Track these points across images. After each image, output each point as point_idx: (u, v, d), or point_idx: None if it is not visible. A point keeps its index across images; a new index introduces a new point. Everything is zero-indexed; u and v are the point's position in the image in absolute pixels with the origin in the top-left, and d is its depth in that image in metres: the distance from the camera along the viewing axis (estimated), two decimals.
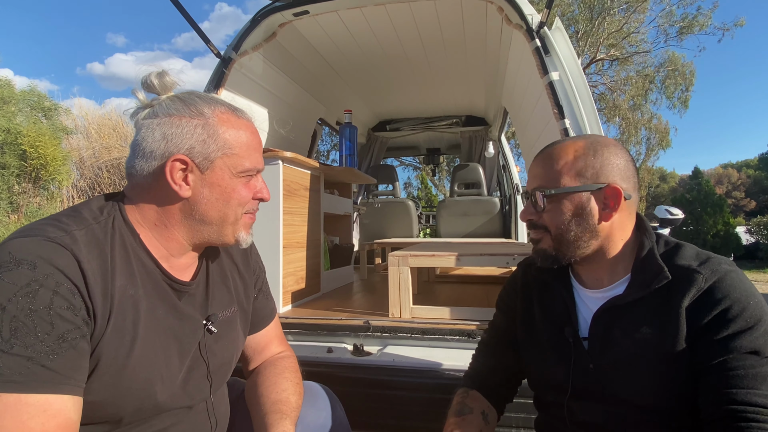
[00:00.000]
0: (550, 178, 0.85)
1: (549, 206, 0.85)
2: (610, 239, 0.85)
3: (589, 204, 0.83)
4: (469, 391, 1.01)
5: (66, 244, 0.68)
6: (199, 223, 0.82)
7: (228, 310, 0.93)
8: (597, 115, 1.70)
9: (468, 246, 2.46)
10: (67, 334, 0.64)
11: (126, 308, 0.73)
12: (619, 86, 14.70)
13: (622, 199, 0.81)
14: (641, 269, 0.83)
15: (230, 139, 0.81)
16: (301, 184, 2.15)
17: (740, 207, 31.01)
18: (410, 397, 1.50)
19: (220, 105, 0.83)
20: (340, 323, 1.73)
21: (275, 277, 1.93)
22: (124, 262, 0.76)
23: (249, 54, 2.15)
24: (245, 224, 0.88)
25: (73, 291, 0.66)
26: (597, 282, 0.89)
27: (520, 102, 2.58)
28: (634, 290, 0.81)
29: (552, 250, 0.87)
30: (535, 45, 1.78)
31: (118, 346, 0.72)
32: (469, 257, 1.77)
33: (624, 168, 0.83)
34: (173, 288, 0.82)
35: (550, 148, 0.89)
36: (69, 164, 9.50)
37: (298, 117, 3.11)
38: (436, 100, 3.90)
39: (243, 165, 0.83)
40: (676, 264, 0.80)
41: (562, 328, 0.89)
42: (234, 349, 0.95)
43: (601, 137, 0.88)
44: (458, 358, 1.54)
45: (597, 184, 0.82)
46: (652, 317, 0.79)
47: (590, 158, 0.83)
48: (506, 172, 4.29)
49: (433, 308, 1.77)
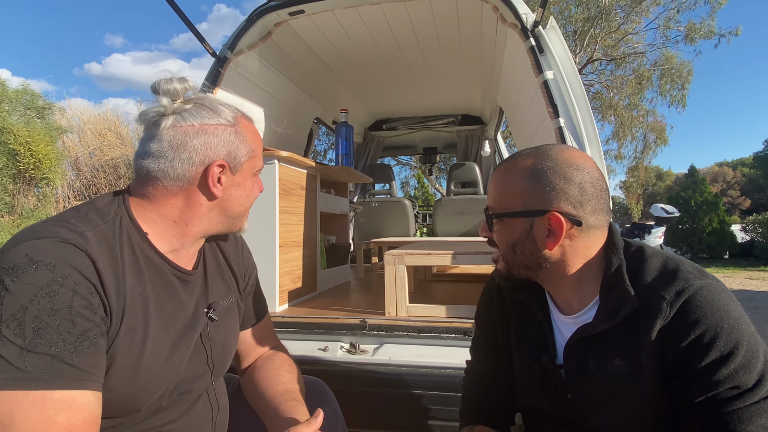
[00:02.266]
0: (497, 198, 0.82)
1: (496, 227, 0.83)
2: (566, 264, 0.78)
3: (532, 231, 0.77)
4: (473, 428, 0.95)
5: (80, 245, 0.69)
6: (221, 216, 0.89)
7: (226, 300, 0.97)
8: (591, 113, 1.70)
9: (464, 245, 2.47)
10: (87, 332, 0.67)
11: (136, 306, 0.76)
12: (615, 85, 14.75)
13: (565, 228, 0.74)
14: (608, 293, 0.76)
15: (252, 144, 0.89)
16: (297, 184, 2.15)
17: (735, 205, 31.17)
18: (406, 395, 1.51)
19: (236, 111, 0.89)
20: (336, 322, 1.74)
21: (272, 276, 1.93)
22: (132, 260, 0.78)
23: (245, 53, 2.15)
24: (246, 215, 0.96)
25: (91, 290, 0.68)
26: (567, 306, 0.84)
27: (515, 101, 2.58)
28: (602, 319, 0.75)
29: (504, 270, 0.85)
30: (529, 44, 1.79)
31: (131, 344, 0.74)
32: (465, 255, 1.77)
33: (576, 193, 0.74)
34: (179, 279, 0.85)
35: (503, 163, 0.84)
36: (63, 164, 9.46)
37: (295, 116, 3.11)
38: (432, 99, 3.91)
39: (258, 165, 0.92)
40: (641, 284, 0.73)
41: (539, 354, 0.85)
42: (233, 337, 0.99)
43: (557, 153, 0.78)
44: (454, 355, 1.55)
45: (539, 210, 0.76)
46: (623, 348, 0.73)
47: (533, 181, 0.76)
48: None
49: (429, 306, 1.78)
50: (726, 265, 10.90)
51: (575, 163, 0.76)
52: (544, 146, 0.81)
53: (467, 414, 1.00)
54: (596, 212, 0.76)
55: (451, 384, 1.46)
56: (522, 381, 0.91)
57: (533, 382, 0.87)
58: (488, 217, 0.84)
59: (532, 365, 0.87)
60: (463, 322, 1.66)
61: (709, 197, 12.06)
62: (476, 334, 1.05)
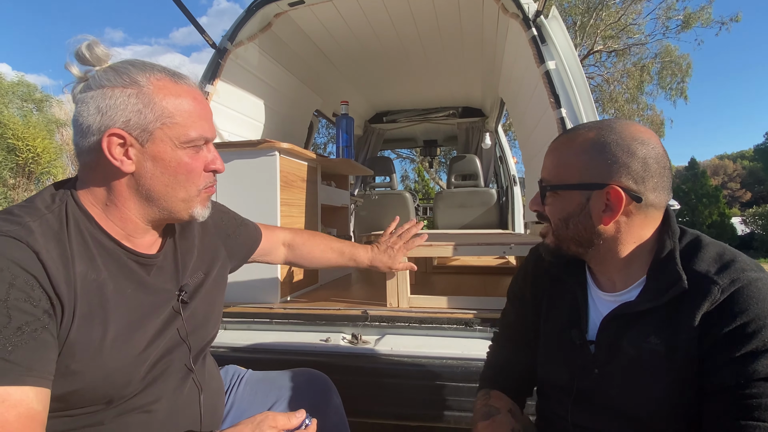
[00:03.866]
0: (553, 170, 0.80)
1: (549, 200, 0.82)
2: (618, 241, 0.77)
3: (588, 204, 0.76)
4: (490, 391, 0.98)
5: (21, 236, 0.67)
6: (147, 200, 0.79)
7: (195, 275, 0.93)
8: (593, 104, 1.70)
9: (465, 236, 2.47)
10: (25, 326, 0.64)
11: (90, 294, 0.73)
12: (616, 78, 14.70)
13: (624, 203, 0.73)
14: (658, 273, 0.75)
15: (169, 107, 0.76)
16: (298, 176, 2.15)
17: (736, 198, 31.17)
18: (408, 386, 1.51)
19: (156, 71, 0.78)
20: (337, 313, 1.74)
21: (273, 268, 1.93)
22: (82, 247, 0.75)
23: (244, 44, 2.14)
24: (202, 199, 0.84)
25: (31, 283, 0.66)
26: (610, 284, 0.83)
27: (516, 92, 2.57)
28: (647, 298, 0.74)
29: (553, 244, 0.84)
30: (531, 34, 1.78)
31: (90, 332, 0.72)
32: (467, 246, 1.77)
33: (638, 168, 0.73)
34: (139, 263, 0.82)
35: (562, 136, 0.83)
36: (63, 157, 9.46)
37: (295, 108, 3.10)
38: (432, 91, 3.90)
39: (187, 135, 0.78)
40: (694, 269, 0.72)
41: (570, 328, 0.85)
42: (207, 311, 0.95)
43: (621, 126, 0.77)
44: (456, 346, 1.56)
45: (598, 183, 0.74)
46: (663, 328, 0.73)
47: (595, 154, 0.75)
48: (503, 163, 4.30)
49: (430, 297, 1.78)
50: None
51: (640, 137, 0.74)
52: (607, 120, 0.80)
53: (486, 379, 1.02)
54: (657, 189, 0.75)
55: (452, 374, 1.47)
56: (547, 353, 0.91)
57: (559, 355, 0.87)
58: (542, 189, 0.82)
59: (560, 339, 0.86)
60: (464, 313, 1.66)
61: (709, 190, 12.07)
62: (506, 307, 1.06)
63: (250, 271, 1.92)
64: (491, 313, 1.65)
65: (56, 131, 9.55)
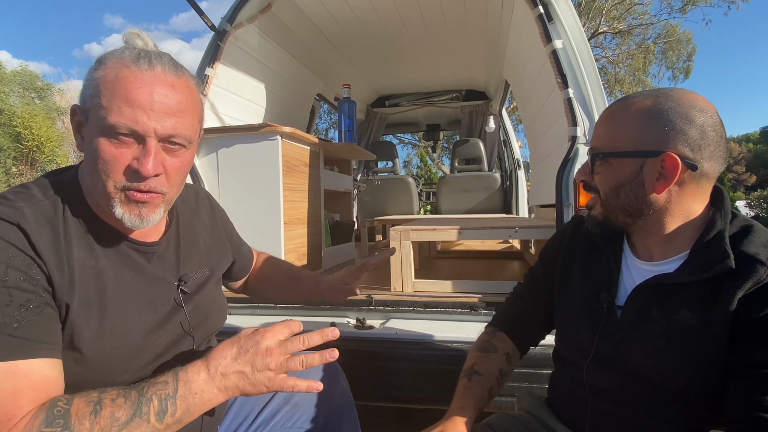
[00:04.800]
0: (606, 138, 0.78)
1: (600, 168, 0.79)
2: (668, 212, 0.76)
3: (642, 172, 0.74)
4: (497, 332, 1.01)
5: (11, 218, 0.66)
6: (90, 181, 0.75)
7: (200, 271, 0.92)
8: (601, 83, 1.66)
9: (469, 221, 2.46)
10: (28, 303, 0.64)
11: (88, 280, 0.72)
12: (621, 60, 14.49)
13: (680, 170, 0.71)
14: (703, 251, 0.74)
15: (101, 88, 0.68)
16: (300, 160, 2.13)
17: (741, 181, 30.96)
18: (412, 369, 1.51)
19: (126, 52, 0.72)
20: None
21: (276, 253, 1.92)
22: (80, 234, 0.74)
23: (244, 26, 2.10)
24: (123, 201, 0.72)
25: (28, 263, 0.66)
26: (647, 253, 0.82)
27: (521, 73, 2.53)
28: (689, 272, 0.73)
29: (600, 216, 0.82)
30: (538, 12, 1.73)
31: (88, 318, 0.71)
32: (471, 230, 1.76)
33: (696, 135, 0.71)
34: (139, 251, 0.81)
35: (616, 103, 0.81)
36: (66, 145, 9.45)
37: (296, 92, 3.06)
38: (435, 75, 3.84)
39: (107, 119, 0.67)
40: (741, 250, 0.71)
41: (599, 293, 0.84)
42: (212, 305, 0.94)
43: (678, 94, 0.75)
44: (460, 330, 1.55)
45: (653, 151, 0.72)
46: (698, 303, 0.72)
47: (651, 120, 0.73)
48: (507, 147, 4.25)
49: (435, 282, 1.77)
50: None
51: (698, 105, 0.72)
52: (663, 88, 0.78)
53: (496, 320, 1.05)
54: (713, 158, 0.73)
55: (457, 358, 1.46)
56: (569, 317, 0.90)
57: (584, 318, 0.86)
58: (593, 157, 0.80)
59: (588, 302, 0.86)
60: (468, 297, 1.65)
61: None
62: (536, 264, 1.06)
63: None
64: (496, 297, 1.64)
65: (57, 119, 9.53)
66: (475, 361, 0.95)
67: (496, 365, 0.94)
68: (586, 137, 1.63)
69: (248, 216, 1.93)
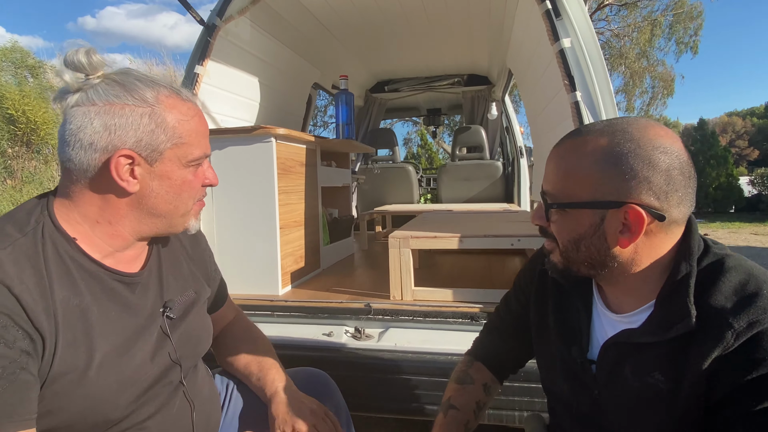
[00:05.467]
0: (559, 183, 0.69)
1: (555, 217, 0.71)
2: (634, 263, 0.68)
3: (602, 225, 0.66)
4: (474, 362, 0.99)
5: None
6: (148, 216, 0.78)
7: (184, 294, 0.91)
8: (611, 86, 1.58)
9: (470, 218, 2.40)
10: (2, 371, 0.61)
11: (73, 320, 0.70)
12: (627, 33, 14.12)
13: (645, 223, 0.63)
14: (665, 303, 0.67)
15: (179, 128, 0.76)
16: (296, 160, 2.05)
17: (743, 156, 30.72)
18: (412, 382, 1.49)
19: (162, 88, 0.76)
20: (340, 306, 1.70)
21: (273, 259, 1.88)
22: (62, 272, 0.71)
23: (235, 19, 1.99)
24: (195, 212, 0.85)
25: (4, 324, 0.62)
26: (618, 304, 0.75)
27: (526, 66, 2.43)
28: (650, 330, 0.67)
29: (560, 264, 0.74)
30: (545, 8, 1.63)
31: (75, 360, 0.69)
32: (472, 238, 1.71)
33: (661, 182, 0.62)
34: (123, 283, 0.79)
35: (566, 141, 0.71)
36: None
37: (292, 83, 2.95)
38: (436, 59, 3.71)
39: (193, 154, 0.78)
40: (708, 303, 0.63)
41: (571, 345, 0.79)
42: (200, 329, 0.93)
43: (638, 130, 0.65)
44: (460, 341, 1.51)
45: (614, 202, 0.64)
46: (668, 364, 0.66)
47: (609, 166, 0.64)
48: (509, 133, 4.15)
49: (434, 290, 1.73)
50: (731, 219, 10.84)
51: (662, 144, 0.63)
52: (620, 121, 0.68)
53: (473, 349, 1.04)
54: (681, 204, 0.64)
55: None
56: (549, 364, 0.86)
57: (561, 368, 0.81)
58: (547, 204, 0.72)
59: (562, 352, 0.80)
60: (469, 307, 1.61)
61: (718, 151, 11.83)
62: (510, 294, 1.00)
63: (250, 259, 1.88)
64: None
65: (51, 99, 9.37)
66: (451, 394, 0.93)
67: (473, 398, 0.92)
68: None
69: (243, 220, 1.87)
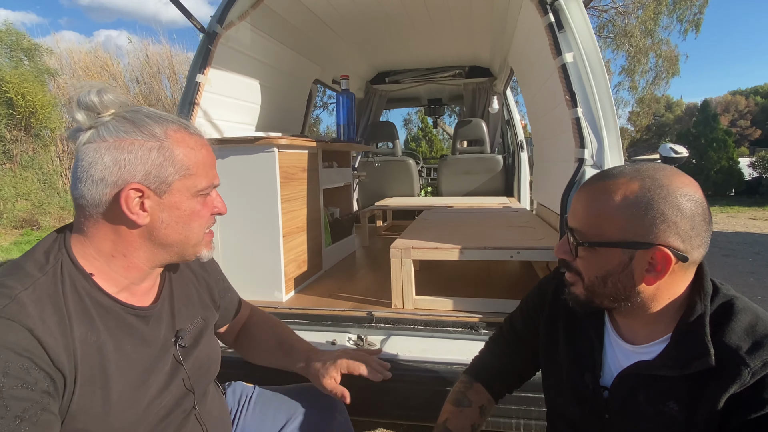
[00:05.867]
0: (589, 222, 0.73)
1: (583, 254, 0.75)
2: (654, 299, 0.73)
3: (630, 264, 0.70)
4: (473, 383, 1.02)
5: (12, 315, 0.65)
6: (159, 247, 0.81)
7: (194, 322, 0.94)
8: (613, 102, 1.59)
9: (470, 220, 2.42)
10: (24, 413, 0.64)
11: (91, 357, 0.72)
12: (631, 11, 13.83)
13: (672, 263, 0.68)
14: (682, 339, 0.72)
15: (186, 160, 0.79)
16: (298, 167, 2.07)
17: (745, 136, 30.47)
18: (413, 390, 1.54)
19: (171, 123, 0.79)
20: (343, 314, 1.74)
21: (276, 267, 1.91)
22: (80, 309, 0.73)
23: (235, 25, 1.97)
24: (207, 242, 0.87)
25: (26, 367, 0.65)
26: (632, 335, 0.79)
27: (528, 71, 2.41)
28: (667, 364, 0.72)
29: (583, 297, 0.78)
30: (548, 20, 1.62)
31: (93, 396, 0.72)
32: (472, 250, 1.74)
33: (687, 226, 0.68)
34: (138, 316, 0.82)
35: (597, 182, 0.75)
36: (58, 109, 9.21)
37: (293, 82, 2.93)
38: (437, 50, 3.66)
39: (201, 184, 0.81)
40: (723, 342, 0.68)
41: (583, 371, 0.83)
42: (210, 354, 0.97)
43: (667, 179, 0.70)
44: (460, 351, 1.56)
45: (644, 243, 0.69)
46: (683, 396, 0.71)
47: (641, 210, 0.68)
48: (510, 126, 4.14)
49: (435, 299, 1.77)
50: (731, 203, 10.86)
51: (687, 192, 0.68)
52: (649, 168, 0.72)
53: (473, 369, 1.06)
54: (701, 246, 0.70)
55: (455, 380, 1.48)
56: (557, 386, 0.90)
57: (571, 392, 0.85)
58: (576, 241, 0.75)
59: (573, 377, 0.84)
60: (469, 317, 1.66)
61: (719, 134, 11.75)
62: (516, 313, 1.04)
63: (254, 267, 1.91)
64: (497, 317, 1.64)
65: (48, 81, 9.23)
66: (448, 416, 0.96)
67: (469, 421, 0.96)
68: (593, 159, 1.58)
69: (246, 229, 1.90)
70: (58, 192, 8.63)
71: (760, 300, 4.09)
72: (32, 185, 8.02)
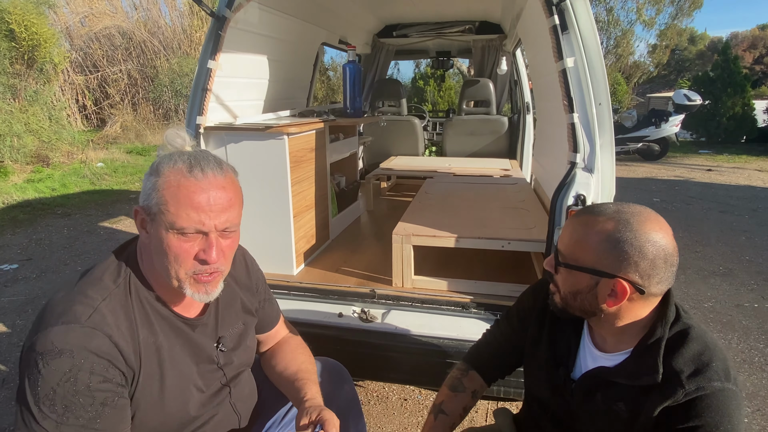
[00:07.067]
0: (570, 248, 0.90)
1: (562, 272, 0.92)
2: (617, 318, 0.88)
3: (596, 288, 0.86)
4: (469, 371, 1.18)
5: (96, 324, 0.83)
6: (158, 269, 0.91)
7: (235, 327, 1.09)
8: (610, 105, 1.64)
9: (469, 195, 2.53)
10: (107, 400, 0.82)
11: (150, 355, 0.91)
12: None
13: (629, 293, 0.83)
14: (640, 356, 0.87)
15: (168, 197, 0.85)
16: (306, 148, 2.16)
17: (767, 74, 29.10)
18: (408, 359, 1.75)
19: (180, 162, 0.88)
20: (349, 290, 1.93)
21: (287, 244, 2.07)
22: (143, 315, 0.91)
23: (244, 6, 1.98)
24: (193, 284, 0.90)
25: (106, 366, 0.82)
26: (602, 342, 0.95)
27: (534, 54, 2.40)
28: (622, 374, 0.88)
29: (560, 305, 0.95)
30: (553, 22, 1.62)
31: (151, 387, 0.90)
32: (468, 239, 1.88)
33: (646, 267, 0.82)
34: (187, 324, 0.98)
35: (583, 215, 0.91)
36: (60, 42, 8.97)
37: (300, 51, 2.92)
38: (447, 2, 3.54)
39: (177, 223, 0.85)
40: (671, 365, 0.83)
41: (559, 365, 1.00)
42: (246, 357, 1.13)
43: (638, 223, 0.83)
44: (452, 327, 1.77)
45: (608, 273, 0.84)
46: (630, 401, 0.87)
47: (610, 246, 0.83)
48: (518, 87, 4.10)
49: (431, 280, 1.94)
50: (739, 151, 10.63)
51: (653, 238, 0.82)
52: (627, 210, 0.87)
53: (471, 357, 1.22)
54: (661, 283, 0.84)
55: (447, 352, 1.68)
56: (534, 374, 1.08)
57: (544, 380, 1.03)
58: (557, 261, 0.93)
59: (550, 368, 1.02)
60: (461, 297, 1.84)
61: (737, 79, 11.30)
62: (512, 311, 1.19)
63: (266, 244, 2.07)
64: (486, 299, 1.83)
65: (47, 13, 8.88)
66: (443, 399, 1.13)
67: (462, 404, 1.13)
68: (584, 162, 1.66)
69: (259, 210, 2.04)
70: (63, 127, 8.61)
71: (747, 260, 4.12)
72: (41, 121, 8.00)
